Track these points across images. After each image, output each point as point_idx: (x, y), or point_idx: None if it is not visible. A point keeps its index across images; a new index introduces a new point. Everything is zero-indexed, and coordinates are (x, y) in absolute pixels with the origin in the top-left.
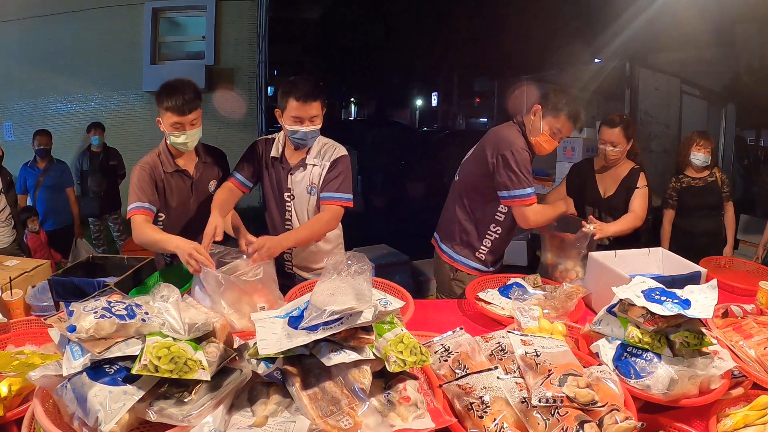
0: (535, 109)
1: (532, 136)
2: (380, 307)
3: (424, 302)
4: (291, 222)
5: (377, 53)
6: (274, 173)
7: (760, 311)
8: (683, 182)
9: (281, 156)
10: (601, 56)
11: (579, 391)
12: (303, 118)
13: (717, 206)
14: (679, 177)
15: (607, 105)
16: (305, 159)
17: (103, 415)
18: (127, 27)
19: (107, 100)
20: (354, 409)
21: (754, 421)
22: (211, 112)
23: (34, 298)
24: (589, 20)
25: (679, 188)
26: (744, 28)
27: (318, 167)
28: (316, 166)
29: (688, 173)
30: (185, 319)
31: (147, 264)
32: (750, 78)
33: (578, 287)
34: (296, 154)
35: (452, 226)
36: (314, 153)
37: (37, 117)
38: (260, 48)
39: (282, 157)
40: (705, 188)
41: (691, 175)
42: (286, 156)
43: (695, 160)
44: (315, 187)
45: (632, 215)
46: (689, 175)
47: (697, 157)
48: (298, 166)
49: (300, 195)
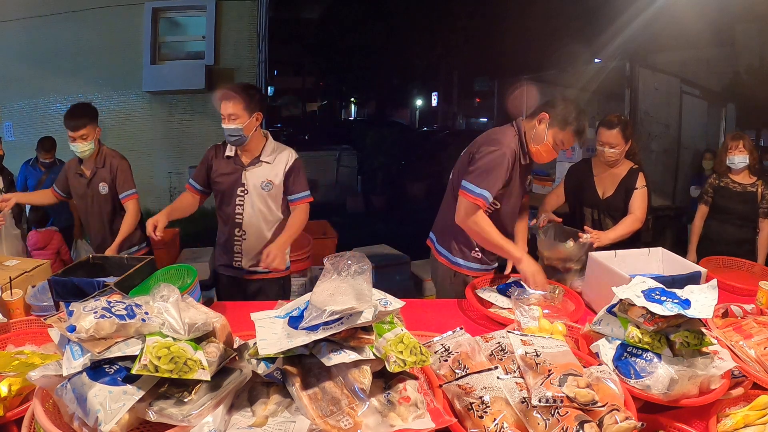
0: (541, 117)
1: (534, 143)
2: (380, 307)
3: (424, 302)
4: (242, 216)
5: (377, 53)
6: (229, 171)
7: (760, 311)
8: (722, 182)
9: (235, 155)
10: (601, 56)
11: (579, 391)
12: (223, 115)
13: (749, 217)
14: (720, 176)
15: (607, 105)
16: (259, 157)
17: (103, 415)
18: (127, 27)
19: (107, 100)
20: (354, 409)
21: (754, 421)
22: (211, 112)
23: (34, 298)
24: (589, 20)
25: (716, 186)
26: (744, 28)
27: (271, 165)
28: (269, 164)
29: (730, 176)
30: (185, 319)
31: (147, 264)
32: (750, 78)
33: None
34: (248, 153)
35: (447, 226)
36: (268, 151)
37: (37, 117)
38: (260, 48)
39: (236, 157)
40: (741, 195)
41: (732, 178)
42: (241, 157)
43: (731, 164)
44: (271, 184)
45: (631, 218)
46: (730, 177)
47: (732, 161)
48: (252, 164)
49: (253, 190)
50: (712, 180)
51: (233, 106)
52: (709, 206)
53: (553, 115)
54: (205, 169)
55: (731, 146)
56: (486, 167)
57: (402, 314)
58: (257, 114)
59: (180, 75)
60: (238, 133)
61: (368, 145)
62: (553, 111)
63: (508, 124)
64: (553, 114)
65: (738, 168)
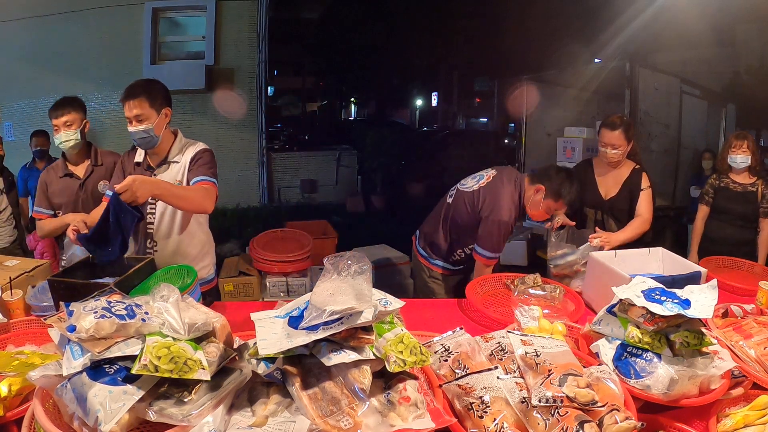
0: (537, 188)
1: (530, 208)
2: (380, 307)
3: (424, 302)
4: (154, 223)
5: (377, 53)
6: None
7: (760, 311)
8: (723, 181)
9: (144, 160)
10: (601, 56)
11: (579, 391)
12: (128, 117)
13: (750, 218)
14: (720, 176)
15: (607, 105)
16: (167, 157)
17: (103, 415)
18: (127, 27)
19: (107, 100)
20: (354, 409)
21: (754, 421)
22: (211, 112)
23: (34, 298)
24: (589, 20)
25: (717, 186)
26: (744, 28)
27: (180, 164)
28: (178, 163)
29: (731, 175)
30: (185, 319)
31: (147, 264)
32: (750, 78)
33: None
34: (156, 155)
35: (431, 235)
36: (175, 151)
37: (37, 117)
38: (260, 48)
39: (144, 161)
40: (742, 195)
41: (732, 178)
42: (149, 159)
43: (733, 163)
44: (181, 184)
45: (639, 220)
46: (731, 177)
47: (734, 160)
48: (159, 165)
49: None
50: (713, 180)
51: (138, 105)
52: (709, 207)
53: (548, 189)
54: (122, 174)
55: (735, 145)
56: (496, 234)
57: (402, 314)
58: (165, 110)
59: (180, 75)
60: (149, 134)
61: (368, 145)
62: (549, 184)
63: (512, 179)
64: (549, 187)
65: (739, 168)
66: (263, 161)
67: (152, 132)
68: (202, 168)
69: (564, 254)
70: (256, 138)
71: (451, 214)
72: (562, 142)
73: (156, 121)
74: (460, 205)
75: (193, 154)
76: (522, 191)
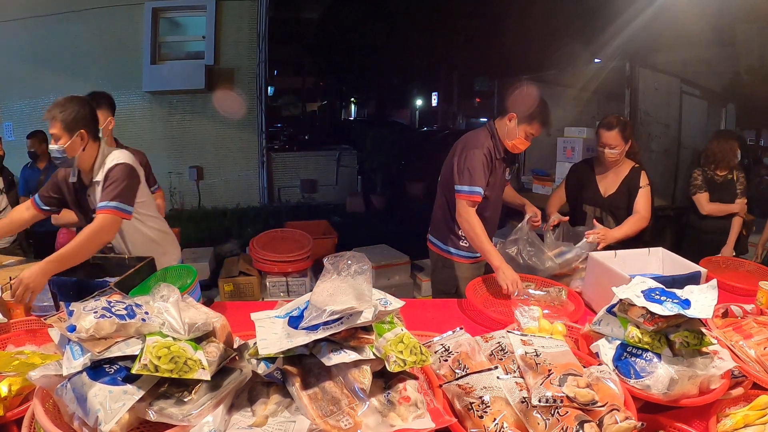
0: (510, 116)
1: (508, 139)
2: (380, 307)
3: (424, 302)
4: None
5: (377, 53)
6: (77, 197)
7: (760, 311)
8: (707, 174)
9: (78, 179)
10: (601, 56)
11: (579, 391)
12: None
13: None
14: (704, 168)
15: (607, 105)
16: (93, 178)
17: (103, 415)
18: (127, 27)
19: None
20: (354, 409)
21: (754, 421)
22: (211, 112)
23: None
24: (589, 20)
25: (703, 177)
26: (744, 28)
27: (100, 183)
28: (100, 181)
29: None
30: (185, 319)
31: (147, 264)
32: (750, 78)
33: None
34: (85, 174)
35: (437, 220)
36: (97, 170)
37: (37, 117)
38: (260, 48)
39: (78, 180)
40: (722, 185)
41: (715, 171)
42: (83, 178)
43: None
44: None
45: (637, 216)
46: (714, 170)
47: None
48: (90, 186)
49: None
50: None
51: (53, 125)
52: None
53: (519, 113)
54: (56, 189)
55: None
56: (470, 168)
57: (402, 314)
58: (81, 132)
59: (180, 75)
60: (62, 154)
61: (368, 145)
62: (519, 109)
63: (482, 126)
64: (519, 112)
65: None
66: (263, 161)
67: (64, 153)
68: (106, 191)
69: (561, 252)
70: (256, 138)
71: (443, 183)
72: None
73: (68, 143)
74: (446, 168)
75: (105, 174)
76: (495, 130)
